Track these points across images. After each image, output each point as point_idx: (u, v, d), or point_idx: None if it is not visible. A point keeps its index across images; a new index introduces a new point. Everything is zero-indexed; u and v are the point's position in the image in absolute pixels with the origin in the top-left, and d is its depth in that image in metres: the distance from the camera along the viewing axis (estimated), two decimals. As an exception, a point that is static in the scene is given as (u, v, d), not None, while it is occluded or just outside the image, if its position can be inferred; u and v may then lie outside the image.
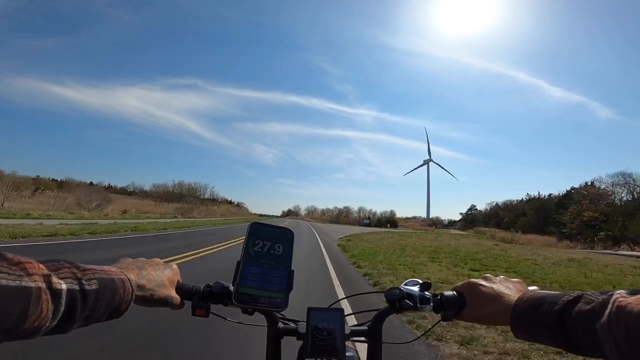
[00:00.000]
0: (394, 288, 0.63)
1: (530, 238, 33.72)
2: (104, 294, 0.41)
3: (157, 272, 0.55)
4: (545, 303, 0.45)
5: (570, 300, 0.43)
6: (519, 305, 0.49)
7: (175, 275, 0.59)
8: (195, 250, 9.09)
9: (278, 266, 0.59)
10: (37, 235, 9.24)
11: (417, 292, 0.63)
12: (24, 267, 0.33)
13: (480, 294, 0.57)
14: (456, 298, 0.61)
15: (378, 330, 0.66)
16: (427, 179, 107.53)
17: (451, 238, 26.62)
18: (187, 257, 7.77)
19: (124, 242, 10.15)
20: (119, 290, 0.44)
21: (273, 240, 0.60)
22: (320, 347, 0.58)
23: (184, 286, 0.60)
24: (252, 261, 0.58)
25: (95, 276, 0.41)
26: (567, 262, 12.37)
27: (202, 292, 0.60)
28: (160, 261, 0.59)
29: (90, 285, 0.39)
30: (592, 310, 0.39)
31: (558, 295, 0.45)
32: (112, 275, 0.44)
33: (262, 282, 0.57)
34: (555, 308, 0.43)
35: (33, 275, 0.33)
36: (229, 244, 11.63)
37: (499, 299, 0.54)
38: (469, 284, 0.61)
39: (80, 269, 0.40)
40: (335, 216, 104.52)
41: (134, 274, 0.50)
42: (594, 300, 0.40)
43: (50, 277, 0.35)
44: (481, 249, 16.56)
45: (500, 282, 0.58)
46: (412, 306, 0.61)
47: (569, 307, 0.42)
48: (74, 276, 0.38)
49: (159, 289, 0.53)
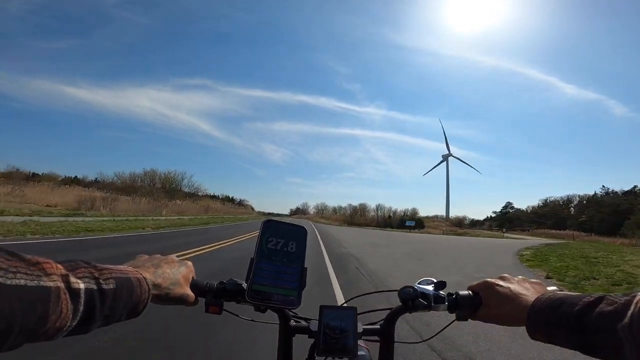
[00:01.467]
0: (408, 286, 0.61)
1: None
2: (122, 293, 0.41)
3: (172, 269, 0.55)
4: (565, 304, 0.44)
5: (592, 301, 0.41)
6: (536, 305, 0.48)
7: (190, 273, 0.59)
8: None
9: (291, 264, 0.59)
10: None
11: (432, 291, 0.61)
12: (42, 267, 0.33)
13: (497, 294, 0.55)
14: (472, 297, 0.59)
15: (390, 330, 0.66)
16: (447, 175, 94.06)
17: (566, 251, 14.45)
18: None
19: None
20: (136, 289, 0.44)
21: (286, 237, 0.60)
22: (332, 345, 0.58)
23: (197, 283, 0.60)
24: (265, 258, 0.58)
25: (112, 275, 0.40)
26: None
27: (215, 289, 0.60)
28: (176, 258, 0.59)
29: (108, 284, 0.39)
30: (614, 311, 0.38)
31: (579, 296, 0.44)
32: (128, 275, 0.44)
33: (275, 280, 0.57)
34: (575, 309, 0.42)
35: (51, 275, 0.33)
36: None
37: (516, 299, 0.52)
38: (485, 283, 0.58)
39: (97, 269, 0.40)
40: (349, 215, 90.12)
41: (149, 273, 0.50)
42: (616, 302, 0.39)
43: (68, 277, 0.35)
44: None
45: (518, 283, 0.57)
46: (426, 305, 0.60)
47: (590, 309, 0.40)
48: (92, 275, 0.38)
49: (174, 287, 0.53)
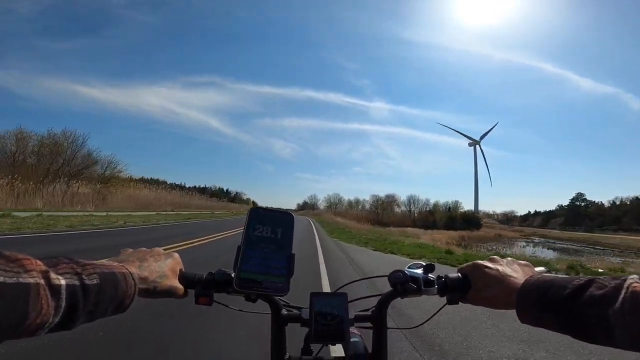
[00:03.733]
0: (398, 271, 0.61)
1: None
2: (106, 288, 0.41)
3: (158, 262, 0.54)
4: (554, 287, 0.43)
5: (581, 284, 0.40)
6: (525, 287, 0.47)
7: (177, 265, 0.58)
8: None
9: (279, 250, 0.58)
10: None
11: (421, 274, 0.61)
12: (22, 263, 0.33)
13: (485, 276, 0.54)
14: (461, 280, 0.58)
15: (382, 315, 0.65)
16: (475, 165, 73.06)
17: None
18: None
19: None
20: (121, 284, 0.43)
21: (273, 224, 0.59)
22: (324, 332, 0.58)
23: (186, 275, 0.59)
24: (252, 246, 0.57)
25: (95, 271, 0.40)
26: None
27: (205, 280, 0.60)
28: (161, 251, 0.58)
29: (91, 280, 0.39)
30: (604, 295, 0.37)
31: (568, 279, 0.43)
32: (113, 270, 0.43)
33: (263, 267, 0.56)
34: (564, 292, 0.41)
35: (31, 271, 0.33)
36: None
37: (504, 281, 0.51)
38: (474, 265, 0.57)
39: (80, 264, 0.39)
40: (373, 212, 68.67)
41: (135, 267, 0.49)
42: (606, 285, 0.38)
43: (48, 273, 0.35)
44: None
45: (507, 264, 0.55)
46: (415, 289, 0.60)
47: (579, 292, 0.40)
48: (74, 271, 0.38)
49: (161, 280, 0.52)
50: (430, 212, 61.31)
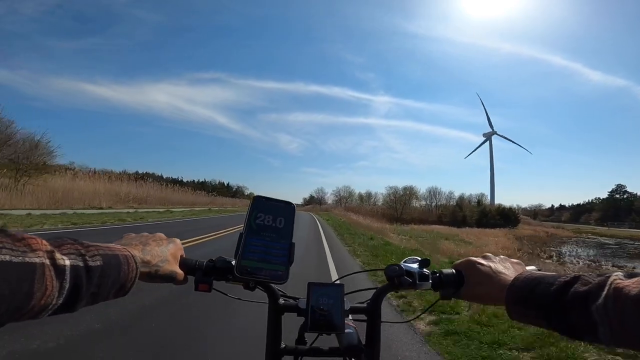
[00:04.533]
0: (394, 265, 0.62)
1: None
2: (109, 270, 0.40)
3: (160, 247, 0.54)
4: (542, 283, 0.43)
5: (567, 281, 0.41)
6: (515, 284, 0.48)
7: (178, 251, 0.58)
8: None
9: (279, 239, 0.59)
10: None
11: (417, 269, 0.61)
12: (28, 243, 0.32)
13: (478, 272, 0.55)
14: (455, 276, 0.60)
15: (377, 308, 0.66)
16: (490, 156, 67.38)
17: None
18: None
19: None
20: (123, 266, 0.43)
21: (275, 213, 0.60)
22: (320, 321, 0.59)
23: (187, 261, 0.59)
24: (254, 234, 0.58)
25: (99, 252, 0.40)
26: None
27: (205, 267, 0.60)
28: (164, 236, 0.58)
29: (95, 261, 0.38)
30: (588, 291, 0.38)
31: (555, 276, 0.44)
32: (116, 252, 0.43)
33: (263, 255, 0.57)
34: (551, 289, 0.42)
35: (37, 251, 0.33)
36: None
37: (495, 278, 0.53)
38: (467, 261, 0.58)
39: (84, 246, 0.39)
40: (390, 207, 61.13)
41: (137, 250, 0.49)
42: (590, 282, 0.39)
43: (53, 253, 0.34)
44: None
45: (499, 262, 0.56)
46: (410, 283, 0.60)
47: (565, 288, 0.40)
48: (78, 252, 0.37)
49: (163, 264, 0.52)
50: (458, 207, 53.75)
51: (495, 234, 32.59)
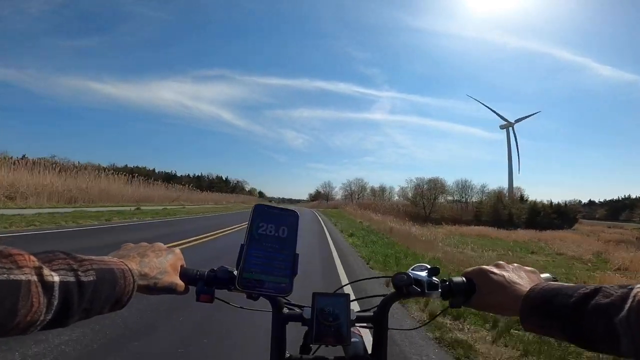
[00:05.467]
0: (402, 273, 0.60)
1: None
2: (103, 285, 0.39)
3: (159, 258, 0.52)
4: (560, 295, 0.42)
5: (587, 293, 0.40)
6: (530, 295, 0.46)
7: (178, 261, 0.56)
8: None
9: (282, 250, 0.57)
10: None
11: (425, 277, 0.60)
12: (14, 259, 0.32)
13: (491, 282, 0.53)
14: (465, 284, 0.58)
15: (384, 316, 0.65)
16: (508, 149, 62.92)
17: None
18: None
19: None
20: (119, 280, 0.42)
21: (277, 222, 0.58)
22: (325, 332, 0.58)
23: (187, 271, 0.58)
24: (256, 244, 0.56)
25: (92, 267, 0.39)
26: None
27: (206, 277, 0.59)
28: (163, 246, 0.57)
29: (87, 276, 0.38)
30: (611, 304, 0.37)
31: (574, 287, 0.43)
32: (111, 266, 0.42)
33: (266, 267, 0.55)
34: (570, 300, 0.41)
35: (23, 267, 0.32)
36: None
37: (510, 288, 0.51)
38: (479, 270, 0.56)
39: (77, 260, 0.38)
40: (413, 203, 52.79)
41: (135, 263, 0.48)
42: (612, 294, 0.38)
43: (41, 270, 0.33)
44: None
45: (512, 271, 0.54)
46: (419, 292, 0.59)
47: (586, 300, 0.39)
48: (69, 267, 0.36)
49: (162, 276, 0.51)
50: (500, 203, 44.92)
51: (572, 238, 24.40)
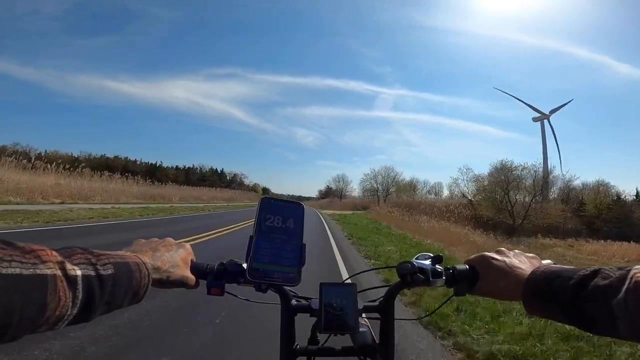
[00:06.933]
0: (406, 262, 0.61)
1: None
2: (121, 278, 0.41)
3: (170, 252, 0.54)
4: (560, 277, 0.43)
5: (587, 274, 0.40)
6: (532, 279, 0.47)
7: (188, 255, 0.58)
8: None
9: (290, 240, 0.59)
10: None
11: (429, 265, 0.61)
12: (37, 254, 0.32)
13: (493, 268, 0.54)
14: (468, 271, 0.59)
15: (390, 306, 0.66)
16: (543, 144, 52.12)
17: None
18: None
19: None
20: (135, 274, 0.43)
21: (284, 214, 0.60)
22: (333, 322, 0.59)
23: (198, 265, 0.60)
24: (264, 236, 0.58)
25: (110, 261, 0.40)
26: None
27: (216, 270, 0.60)
28: (173, 241, 0.58)
29: (106, 270, 0.38)
30: (609, 285, 0.37)
31: (574, 269, 0.43)
32: (126, 260, 0.43)
33: (274, 257, 0.57)
34: (570, 283, 0.41)
35: (47, 262, 0.32)
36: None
37: (512, 273, 0.52)
38: (481, 257, 0.57)
39: (94, 255, 0.39)
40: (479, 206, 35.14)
41: (148, 257, 0.49)
42: (611, 276, 0.38)
43: (64, 264, 0.34)
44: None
45: (514, 256, 0.56)
46: (424, 280, 0.59)
47: (585, 282, 0.40)
48: (89, 262, 0.37)
49: (174, 270, 0.53)
50: (627, 208, 29.01)
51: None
